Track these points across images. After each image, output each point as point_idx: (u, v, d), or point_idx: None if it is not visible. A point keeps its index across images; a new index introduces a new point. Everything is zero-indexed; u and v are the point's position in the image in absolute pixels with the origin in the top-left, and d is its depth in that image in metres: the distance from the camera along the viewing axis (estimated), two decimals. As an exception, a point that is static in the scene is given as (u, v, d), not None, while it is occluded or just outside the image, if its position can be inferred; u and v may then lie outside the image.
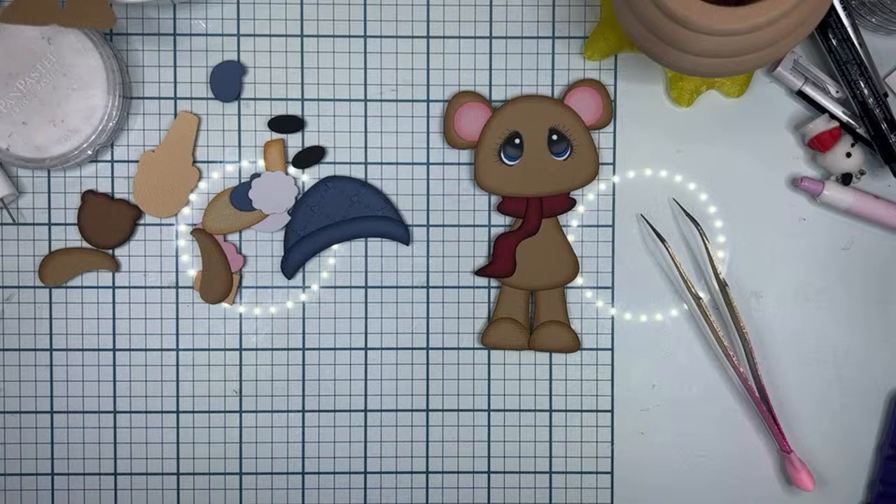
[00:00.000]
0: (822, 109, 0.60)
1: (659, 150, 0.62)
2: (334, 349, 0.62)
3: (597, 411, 0.62)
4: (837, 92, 0.60)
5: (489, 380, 0.62)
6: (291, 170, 0.61)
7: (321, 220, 0.61)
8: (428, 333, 0.62)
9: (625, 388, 0.62)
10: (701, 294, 0.61)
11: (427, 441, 0.63)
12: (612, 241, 0.62)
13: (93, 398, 0.62)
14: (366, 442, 0.63)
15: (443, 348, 0.62)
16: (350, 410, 0.62)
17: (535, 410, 0.62)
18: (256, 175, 0.61)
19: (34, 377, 0.62)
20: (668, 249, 0.61)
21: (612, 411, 0.62)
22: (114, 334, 0.62)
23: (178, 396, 0.62)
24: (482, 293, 0.62)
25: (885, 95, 0.59)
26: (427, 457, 0.63)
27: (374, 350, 0.62)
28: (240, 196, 0.61)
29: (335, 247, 0.62)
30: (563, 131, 0.60)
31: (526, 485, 0.63)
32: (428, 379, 0.62)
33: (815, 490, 0.61)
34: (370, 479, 0.63)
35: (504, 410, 0.62)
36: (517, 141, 0.60)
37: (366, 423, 0.62)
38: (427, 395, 0.62)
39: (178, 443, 0.62)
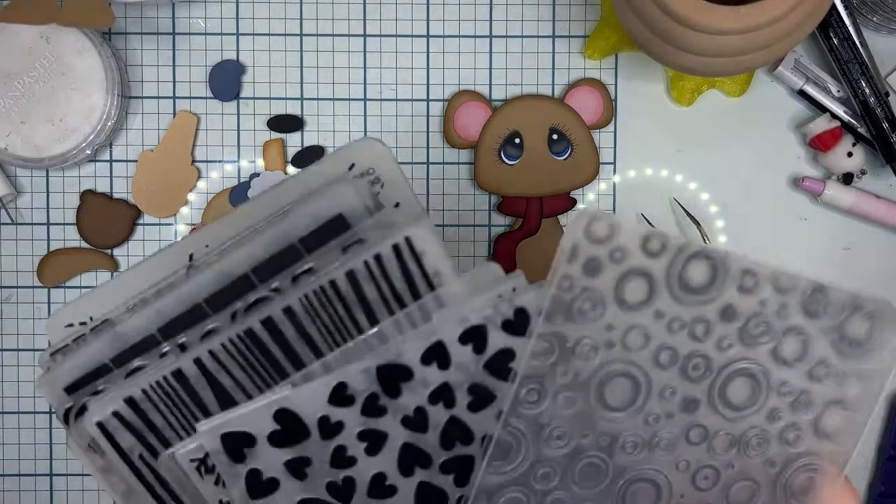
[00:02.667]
0: (823, 109, 0.60)
1: (660, 149, 0.61)
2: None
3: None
4: (839, 91, 0.60)
5: (489, 380, 0.62)
6: (291, 169, 0.61)
7: (321, 220, 0.61)
8: (428, 333, 0.62)
9: (625, 388, 0.62)
10: (701, 294, 0.61)
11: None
12: (613, 241, 0.62)
13: (92, 398, 0.62)
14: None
15: (443, 348, 0.62)
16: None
17: (535, 411, 0.62)
18: (255, 175, 0.61)
19: (32, 377, 0.62)
20: (668, 249, 0.61)
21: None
22: (113, 334, 0.62)
23: (177, 397, 0.62)
24: (482, 293, 0.62)
25: (887, 95, 0.59)
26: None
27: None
28: (239, 196, 0.61)
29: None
30: (563, 131, 0.60)
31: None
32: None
33: (815, 490, 0.61)
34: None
35: (504, 411, 0.62)
36: (517, 140, 0.60)
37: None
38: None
39: (177, 443, 0.62)
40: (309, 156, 0.61)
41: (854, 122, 0.60)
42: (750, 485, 0.46)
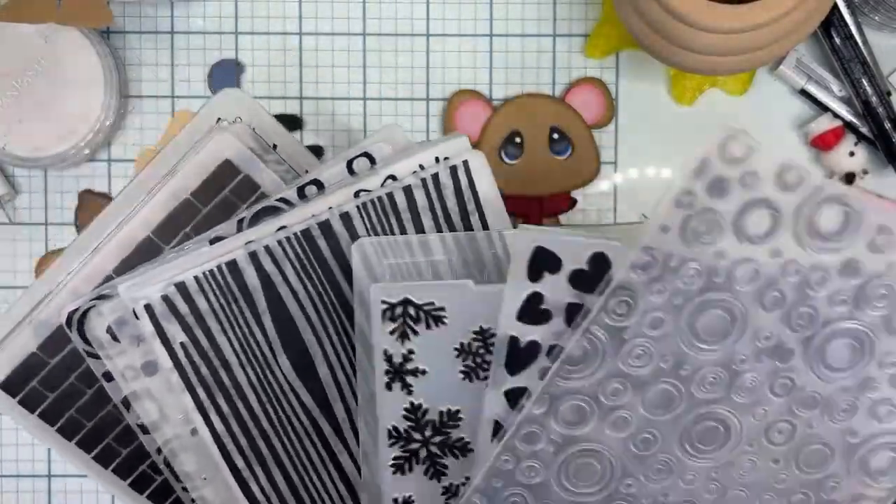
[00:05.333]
0: (825, 108, 0.60)
1: (661, 148, 0.61)
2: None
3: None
4: (840, 90, 0.60)
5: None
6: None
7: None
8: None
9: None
10: (703, 294, 0.61)
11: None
12: (614, 241, 0.61)
13: (90, 399, 0.62)
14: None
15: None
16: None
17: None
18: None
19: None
20: (669, 249, 0.61)
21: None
22: (111, 335, 0.61)
23: (176, 397, 0.62)
24: (482, 293, 0.62)
25: (889, 94, 0.58)
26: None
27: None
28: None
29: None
30: (564, 130, 0.60)
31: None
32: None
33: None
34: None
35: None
36: (518, 140, 0.60)
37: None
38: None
39: (176, 444, 0.62)
40: (308, 155, 0.61)
41: (856, 121, 0.59)
42: (824, 450, 0.44)
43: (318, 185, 0.50)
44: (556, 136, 0.60)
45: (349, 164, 0.51)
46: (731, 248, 0.40)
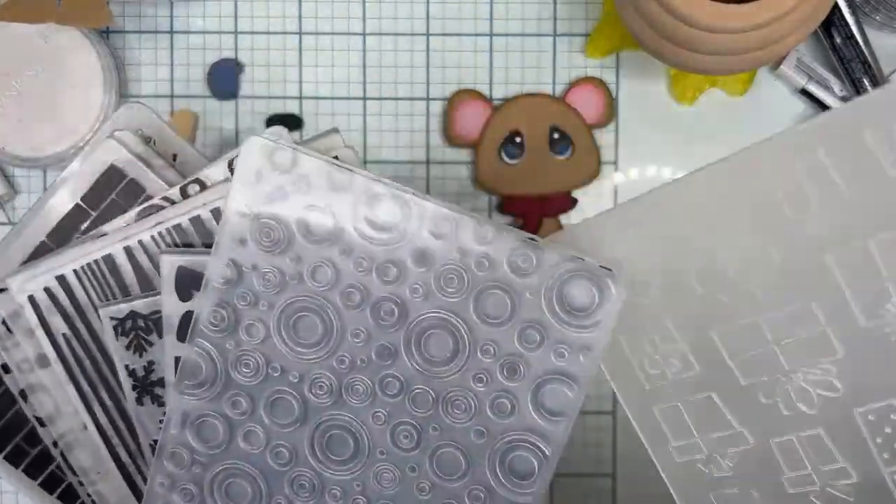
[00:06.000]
0: (825, 108, 0.60)
1: (661, 148, 0.61)
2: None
3: (598, 413, 0.62)
4: (841, 90, 0.60)
5: (489, 380, 0.62)
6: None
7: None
8: (428, 334, 0.62)
9: (626, 388, 0.62)
10: (703, 294, 0.61)
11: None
12: (614, 241, 0.61)
13: (90, 399, 0.62)
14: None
15: (443, 349, 0.62)
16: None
17: (535, 411, 0.62)
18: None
19: (31, 378, 0.61)
20: (670, 249, 0.61)
21: (613, 412, 0.62)
22: (111, 335, 0.61)
23: (175, 397, 0.62)
24: (482, 293, 0.62)
25: (890, 94, 0.58)
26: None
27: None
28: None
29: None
30: (564, 130, 0.60)
31: (527, 486, 0.62)
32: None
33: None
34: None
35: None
36: (518, 139, 0.59)
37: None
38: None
39: (175, 444, 0.62)
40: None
41: (857, 121, 0.59)
42: (455, 454, 0.43)
43: (201, 184, 0.51)
44: (556, 135, 0.60)
45: (230, 163, 0.52)
46: (305, 252, 0.42)
